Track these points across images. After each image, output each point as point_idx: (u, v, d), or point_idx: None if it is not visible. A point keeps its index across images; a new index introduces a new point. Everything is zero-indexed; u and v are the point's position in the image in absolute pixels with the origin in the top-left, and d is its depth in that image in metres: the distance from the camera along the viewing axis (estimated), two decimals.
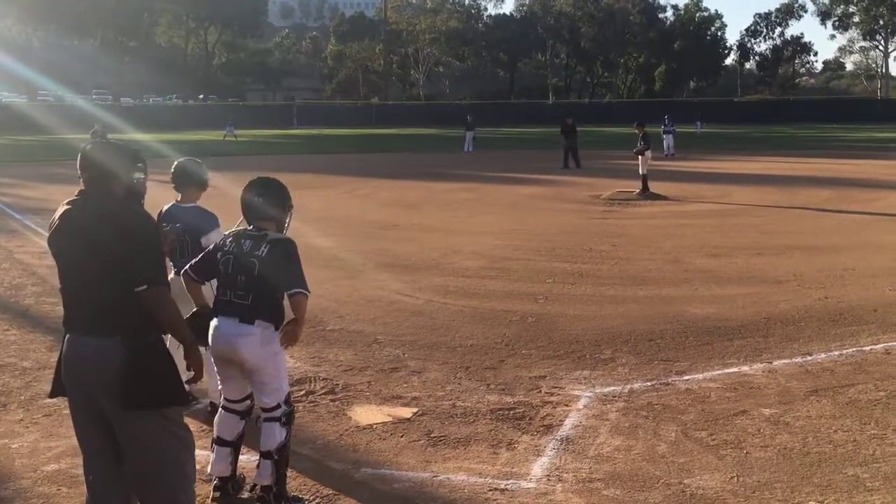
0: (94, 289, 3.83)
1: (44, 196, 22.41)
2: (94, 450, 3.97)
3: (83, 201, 3.93)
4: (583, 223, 17.09)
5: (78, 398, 3.93)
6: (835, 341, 8.25)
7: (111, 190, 3.97)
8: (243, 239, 4.81)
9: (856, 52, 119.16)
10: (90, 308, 3.84)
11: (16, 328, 8.94)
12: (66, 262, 3.89)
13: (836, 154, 38.95)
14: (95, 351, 3.80)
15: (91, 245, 3.80)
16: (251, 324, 4.66)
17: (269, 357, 4.76)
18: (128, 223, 3.85)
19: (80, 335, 3.86)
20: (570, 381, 7.13)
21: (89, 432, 3.96)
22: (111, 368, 3.77)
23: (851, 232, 15.78)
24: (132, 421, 3.85)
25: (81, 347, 3.84)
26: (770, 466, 5.38)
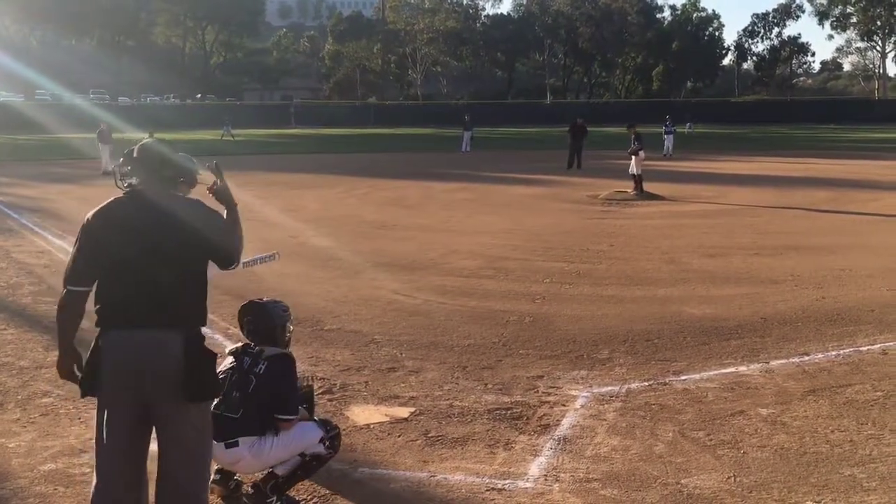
0: (160, 283, 3.86)
1: (41, 195, 22.41)
2: (121, 449, 3.92)
3: (145, 197, 3.95)
4: (580, 223, 17.09)
5: (123, 395, 3.88)
6: (832, 341, 8.25)
7: (171, 185, 4.06)
8: (244, 355, 4.83)
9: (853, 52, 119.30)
10: (153, 302, 3.85)
11: (13, 327, 8.93)
12: (124, 259, 3.87)
13: (834, 155, 39.01)
14: (157, 343, 3.83)
15: (161, 238, 3.86)
16: (236, 446, 4.63)
17: (271, 459, 4.75)
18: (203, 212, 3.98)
19: (137, 329, 3.85)
20: (568, 380, 7.13)
21: (123, 432, 3.91)
22: (173, 361, 3.82)
23: (848, 232, 15.80)
24: (181, 414, 3.89)
25: (141, 341, 3.84)
26: (767, 466, 5.39)
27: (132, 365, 3.84)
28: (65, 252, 13.55)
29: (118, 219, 3.91)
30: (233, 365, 4.81)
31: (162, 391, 3.84)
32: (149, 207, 3.92)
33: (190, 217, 3.93)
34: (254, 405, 4.64)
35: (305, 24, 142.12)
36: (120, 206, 3.96)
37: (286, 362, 4.82)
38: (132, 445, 3.93)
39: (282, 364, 4.78)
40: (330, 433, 4.87)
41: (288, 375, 4.79)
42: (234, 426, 4.63)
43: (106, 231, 3.90)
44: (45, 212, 18.85)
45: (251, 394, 4.64)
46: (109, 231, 3.90)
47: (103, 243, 3.89)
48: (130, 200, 3.97)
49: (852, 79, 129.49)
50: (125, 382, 3.87)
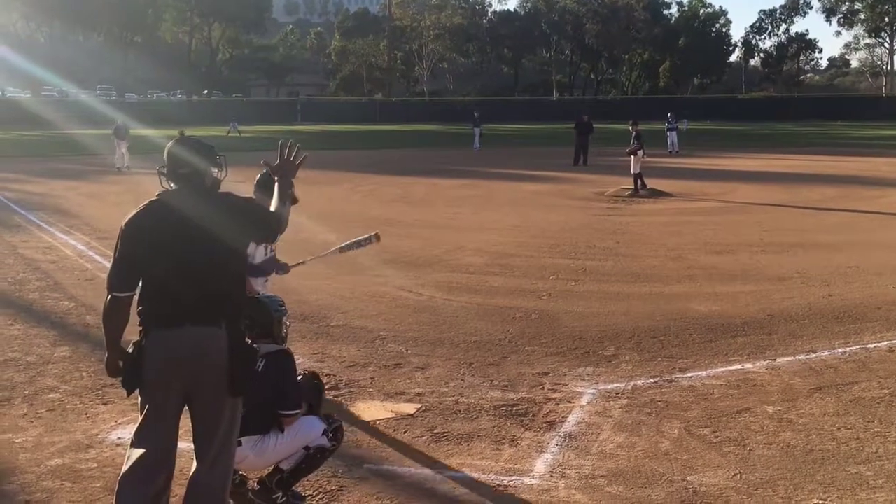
0: (203, 280, 3.95)
1: (47, 191, 22.45)
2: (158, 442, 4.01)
3: (185, 196, 4.03)
4: (586, 220, 17.08)
5: (169, 392, 3.97)
6: (839, 339, 8.24)
7: (207, 182, 4.13)
8: None
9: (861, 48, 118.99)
10: (199, 299, 3.93)
11: (20, 323, 8.95)
12: (171, 255, 3.93)
13: (841, 151, 38.91)
14: (205, 339, 3.93)
15: (205, 235, 3.93)
16: (239, 445, 4.59)
17: (275, 456, 4.77)
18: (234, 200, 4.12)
19: (189, 326, 3.92)
20: (574, 377, 7.13)
21: (162, 425, 4.01)
22: (222, 356, 3.94)
23: (856, 229, 15.75)
24: (220, 407, 4.02)
25: (189, 336, 3.92)
26: (773, 464, 5.38)
27: (177, 362, 3.94)
28: (72, 248, 13.61)
29: (154, 220, 3.98)
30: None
31: (205, 386, 3.97)
32: (182, 205, 3.99)
33: (223, 208, 4.05)
34: (255, 404, 4.63)
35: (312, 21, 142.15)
36: (155, 207, 4.02)
37: (284, 358, 4.83)
38: (168, 435, 4.05)
39: (280, 361, 4.79)
40: (332, 425, 4.87)
41: (287, 371, 4.79)
42: None
43: (143, 233, 3.96)
44: (51, 208, 18.90)
45: (251, 393, 4.65)
46: (146, 233, 3.96)
47: (143, 247, 3.95)
48: (164, 201, 4.04)
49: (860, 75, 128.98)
50: (169, 380, 3.96)
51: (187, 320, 3.92)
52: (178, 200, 4.02)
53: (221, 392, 3.99)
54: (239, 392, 4.06)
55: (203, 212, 3.98)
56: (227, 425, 4.08)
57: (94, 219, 16.30)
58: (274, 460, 4.77)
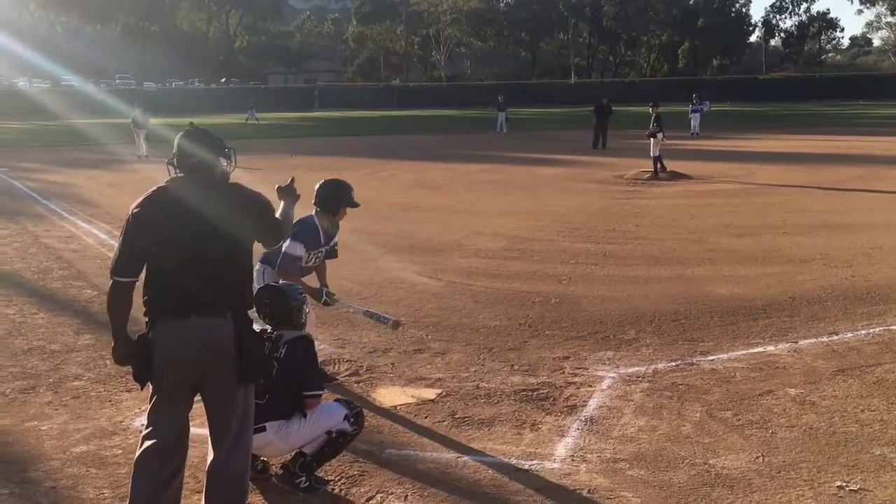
0: (215, 270, 3.96)
1: (67, 181, 22.60)
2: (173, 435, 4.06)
3: (192, 186, 4.03)
4: (606, 203, 17.00)
5: (178, 383, 4.01)
6: (861, 320, 8.17)
7: (216, 173, 4.13)
8: (263, 342, 4.84)
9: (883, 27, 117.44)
10: (208, 289, 3.94)
11: (44, 311, 9.04)
12: (178, 247, 3.94)
13: (863, 132, 38.50)
14: (212, 329, 3.95)
15: (210, 226, 3.94)
16: (263, 430, 4.68)
17: (298, 440, 4.81)
18: (249, 197, 4.13)
19: (193, 316, 3.94)
20: (594, 361, 7.12)
21: (178, 410, 4.07)
22: (229, 346, 3.96)
23: (878, 210, 15.60)
24: (231, 395, 4.05)
25: (196, 327, 3.94)
26: (796, 446, 5.35)
27: (185, 353, 3.96)
28: (93, 237, 13.70)
29: (161, 209, 3.97)
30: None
31: (214, 375, 3.99)
32: (189, 196, 3.99)
33: (230, 201, 4.05)
34: (278, 389, 4.68)
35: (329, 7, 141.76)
36: (162, 195, 4.03)
37: (305, 343, 4.91)
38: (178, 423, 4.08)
39: (301, 345, 4.87)
40: (353, 410, 4.92)
41: (308, 355, 4.88)
42: (261, 412, 4.67)
43: (150, 222, 3.96)
44: (72, 197, 19.03)
45: (274, 378, 4.68)
46: (153, 222, 3.96)
47: (148, 236, 3.96)
48: (172, 190, 4.04)
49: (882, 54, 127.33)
50: (177, 371, 3.99)
51: (193, 311, 3.93)
52: (185, 190, 4.02)
53: (231, 381, 4.01)
54: (249, 379, 4.08)
55: (209, 203, 3.98)
56: (241, 412, 4.11)
57: (114, 207, 16.39)
58: (297, 444, 4.81)
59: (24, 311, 9.10)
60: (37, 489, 4.95)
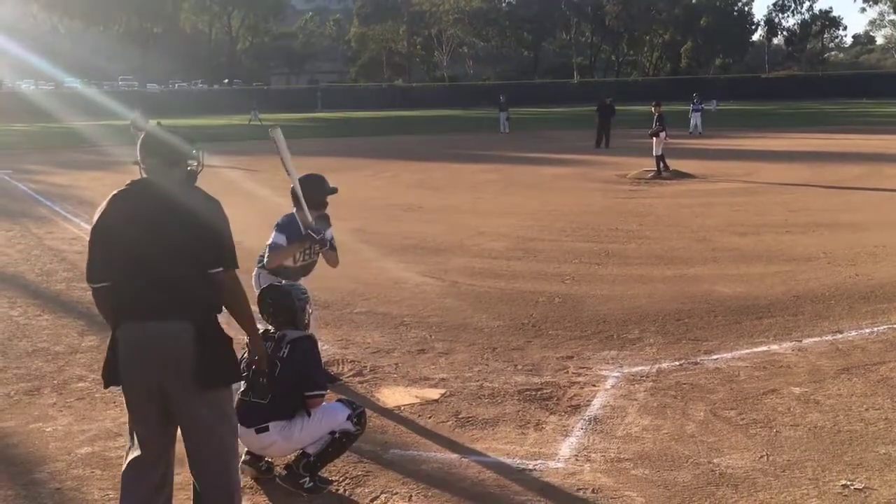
0: (167, 273, 3.87)
1: (71, 182, 22.64)
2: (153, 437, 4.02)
3: (147, 188, 3.97)
4: (609, 203, 17.00)
5: (143, 386, 3.95)
6: (866, 319, 8.16)
7: (174, 176, 4.02)
8: (265, 341, 4.84)
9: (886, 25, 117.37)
10: (161, 293, 3.87)
11: (48, 313, 9.05)
12: (133, 248, 3.89)
13: (867, 130, 38.46)
14: (168, 335, 3.86)
15: (163, 230, 3.86)
16: (266, 430, 4.70)
17: (301, 441, 4.81)
18: (197, 207, 3.94)
19: (152, 321, 3.88)
20: (598, 361, 7.11)
21: (150, 420, 4.00)
22: (185, 350, 3.85)
23: (882, 208, 15.58)
24: (198, 402, 3.94)
25: (152, 333, 3.87)
26: (800, 445, 5.35)
27: (145, 357, 3.89)
28: None
29: (117, 213, 3.92)
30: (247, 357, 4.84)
31: (176, 380, 3.88)
32: (144, 200, 3.93)
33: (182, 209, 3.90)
34: (281, 389, 4.68)
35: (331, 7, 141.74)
36: (120, 199, 3.96)
37: (308, 343, 4.90)
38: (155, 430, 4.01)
39: (304, 345, 4.85)
40: (356, 410, 4.92)
41: (311, 355, 4.86)
42: (264, 412, 4.68)
43: (112, 226, 3.92)
44: (76, 199, 19.04)
45: (277, 378, 4.68)
46: (115, 225, 3.92)
47: (111, 238, 3.92)
48: (130, 193, 3.97)
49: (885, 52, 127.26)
50: (141, 374, 3.93)
51: (152, 315, 3.86)
52: (141, 194, 3.94)
53: (192, 386, 3.87)
54: (207, 384, 3.90)
55: (168, 206, 3.88)
56: (211, 418, 3.98)
57: None
58: (300, 445, 4.81)
59: (29, 312, 9.12)
60: (42, 490, 4.96)
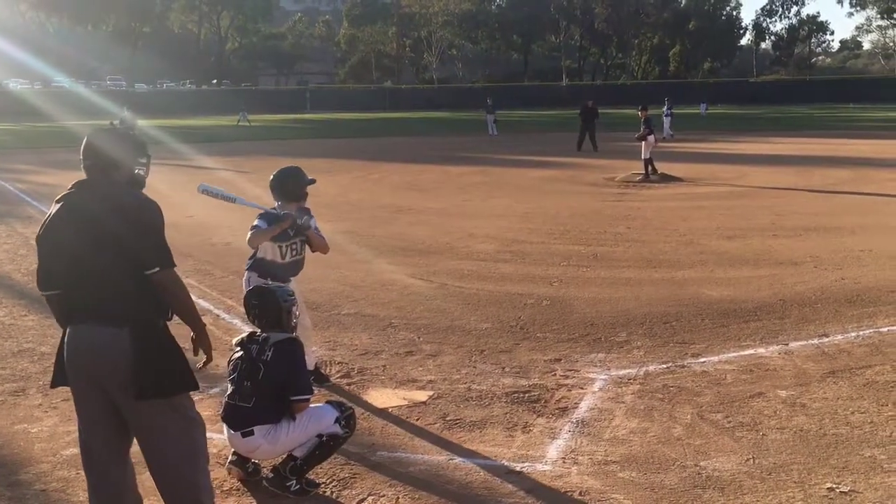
0: (102, 278, 3.81)
1: (59, 182, 22.46)
2: (101, 440, 3.98)
3: (83, 191, 3.91)
4: (597, 205, 17.03)
5: (85, 389, 3.91)
6: (851, 322, 8.20)
7: (113, 179, 3.95)
8: (250, 344, 4.85)
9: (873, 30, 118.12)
10: (97, 298, 3.81)
11: (34, 314, 9.00)
12: (70, 253, 3.84)
13: (854, 134, 38.68)
14: (105, 341, 3.79)
15: (99, 234, 3.79)
16: (252, 434, 4.69)
17: (287, 444, 4.79)
18: (132, 209, 3.85)
19: (87, 326, 3.83)
20: (586, 363, 7.12)
21: (97, 423, 3.95)
22: (122, 358, 3.77)
23: (869, 213, 15.66)
24: (144, 410, 3.85)
25: (89, 338, 3.82)
26: (786, 448, 5.37)
27: (83, 361, 3.86)
28: None
29: (58, 215, 3.89)
30: (241, 355, 4.83)
31: (113, 388, 3.84)
32: (86, 198, 3.88)
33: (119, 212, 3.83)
34: (266, 393, 4.67)
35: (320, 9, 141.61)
36: (63, 199, 3.93)
37: (292, 346, 4.86)
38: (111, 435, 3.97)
39: (288, 348, 4.82)
40: (345, 413, 4.91)
41: (295, 358, 4.83)
42: (249, 415, 4.66)
43: (51, 231, 3.89)
44: None
45: (261, 381, 4.67)
46: (53, 230, 3.89)
47: (48, 244, 3.91)
48: (72, 193, 3.94)
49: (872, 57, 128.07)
50: (81, 377, 3.90)
51: (87, 319, 3.83)
52: (80, 196, 3.89)
53: (132, 394, 3.80)
54: (145, 394, 3.80)
55: (103, 211, 3.82)
56: (161, 427, 3.90)
57: None
58: (287, 448, 4.79)
59: (14, 313, 9.07)
60: (26, 492, 4.93)
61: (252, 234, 6.13)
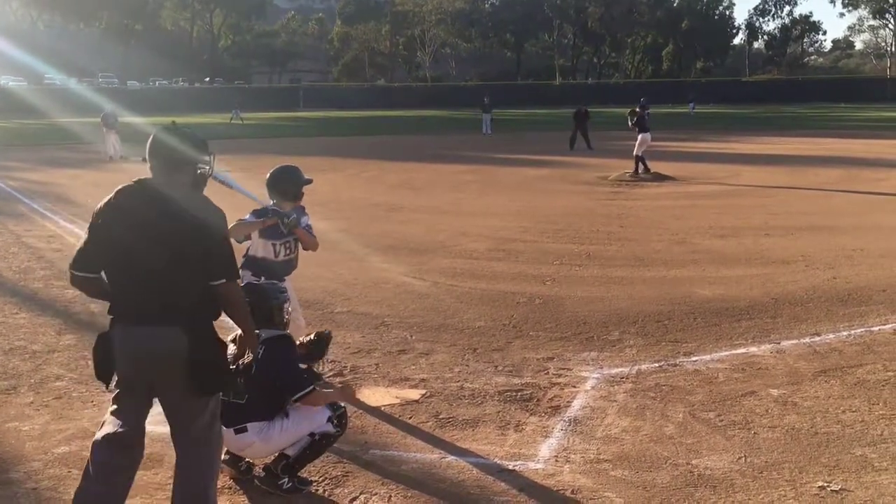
0: (161, 279, 3.82)
1: (49, 180, 22.46)
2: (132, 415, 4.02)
3: (150, 191, 3.90)
4: (590, 204, 17.04)
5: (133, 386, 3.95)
6: (843, 321, 8.23)
7: (178, 179, 3.94)
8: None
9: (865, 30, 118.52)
10: (154, 298, 3.83)
11: (25, 311, 8.97)
12: (128, 251, 3.84)
13: (846, 134, 38.78)
14: (161, 340, 3.82)
15: (161, 237, 3.80)
16: (245, 431, 4.68)
17: (280, 442, 4.79)
18: (202, 218, 3.87)
19: (142, 325, 3.85)
20: (578, 362, 7.13)
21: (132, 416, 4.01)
22: (178, 357, 3.81)
23: (860, 212, 15.71)
24: (189, 406, 3.94)
25: (145, 337, 3.84)
26: (778, 447, 5.38)
27: (135, 361, 3.88)
28: (76, 237, 13.59)
29: (123, 209, 3.87)
30: (234, 352, 4.82)
31: (167, 386, 3.89)
32: (154, 199, 3.87)
33: (184, 216, 3.84)
34: (258, 390, 4.65)
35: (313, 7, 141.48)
36: (127, 195, 3.91)
37: (283, 343, 4.85)
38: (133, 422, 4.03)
39: (279, 345, 4.81)
40: (337, 411, 4.90)
41: (286, 356, 4.82)
42: (242, 412, 4.65)
43: (112, 221, 3.87)
44: (54, 197, 18.90)
45: (254, 379, 4.66)
46: (115, 221, 3.86)
47: (109, 232, 3.87)
48: (138, 191, 3.92)
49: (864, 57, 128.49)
50: (130, 376, 3.93)
51: (144, 319, 3.84)
52: (143, 194, 3.89)
53: (185, 391, 3.88)
54: (204, 391, 3.93)
55: (171, 212, 3.82)
56: (201, 424, 4.00)
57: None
58: (280, 446, 4.79)
59: (5, 311, 9.03)
60: (18, 490, 4.91)
61: (234, 226, 6.15)
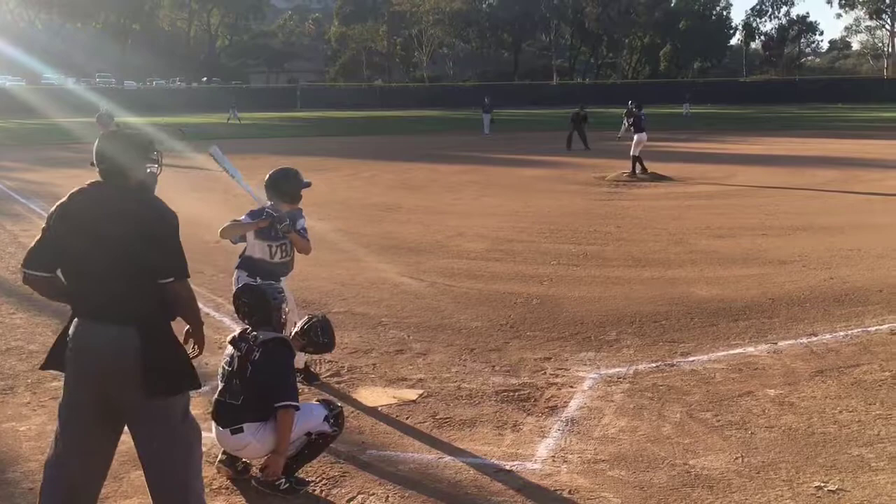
0: (108, 280, 3.81)
1: (47, 180, 22.40)
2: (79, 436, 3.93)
3: (97, 194, 3.91)
4: (587, 205, 17.05)
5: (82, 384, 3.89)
6: (840, 322, 8.24)
7: (125, 183, 3.94)
8: (240, 342, 4.84)
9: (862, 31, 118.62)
10: (103, 298, 3.82)
11: (22, 311, 8.96)
12: (75, 253, 3.84)
13: (843, 134, 38.82)
14: (111, 340, 3.79)
15: (106, 239, 3.78)
16: (241, 432, 4.68)
17: (274, 444, 4.77)
18: (147, 218, 3.85)
19: (93, 322, 3.84)
20: (575, 362, 7.13)
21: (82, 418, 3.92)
22: (128, 357, 3.77)
23: (857, 212, 15.73)
24: (149, 410, 3.85)
25: (95, 335, 3.82)
26: (775, 447, 5.39)
27: (89, 358, 3.85)
28: None
29: (73, 211, 3.88)
30: (232, 353, 4.82)
31: (122, 387, 3.82)
32: (100, 201, 3.87)
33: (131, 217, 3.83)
34: (254, 391, 4.65)
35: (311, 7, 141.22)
36: (77, 197, 3.92)
37: (279, 347, 4.84)
38: (91, 435, 3.94)
39: (274, 349, 4.79)
40: (333, 411, 4.91)
41: (280, 362, 4.80)
42: (238, 413, 4.65)
43: (62, 222, 3.88)
44: (51, 196, 18.78)
45: (249, 380, 4.66)
46: (64, 222, 3.87)
47: (59, 234, 3.88)
48: (87, 193, 3.93)
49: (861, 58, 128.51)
50: (83, 373, 3.88)
51: (98, 317, 3.82)
52: (92, 196, 3.89)
53: (138, 394, 3.80)
54: (155, 393, 3.81)
55: (112, 211, 3.81)
56: (163, 426, 3.90)
57: None
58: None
59: (2, 311, 9.02)
60: (14, 490, 4.90)
61: (228, 225, 6.16)
